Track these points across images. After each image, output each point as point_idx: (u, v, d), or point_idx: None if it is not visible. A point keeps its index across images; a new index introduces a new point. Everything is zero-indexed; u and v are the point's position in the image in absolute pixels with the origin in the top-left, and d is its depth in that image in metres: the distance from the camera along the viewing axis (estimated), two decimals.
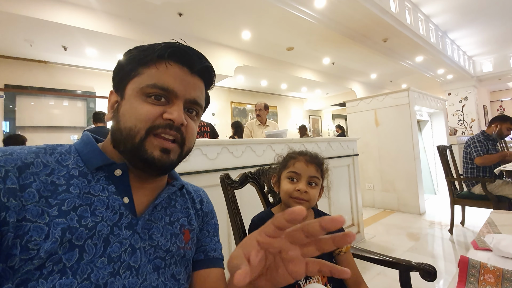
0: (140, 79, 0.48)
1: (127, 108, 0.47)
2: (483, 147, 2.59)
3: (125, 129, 0.46)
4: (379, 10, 4.22)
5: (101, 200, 0.44)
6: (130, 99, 0.47)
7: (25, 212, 0.37)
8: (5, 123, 4.37)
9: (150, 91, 0.47)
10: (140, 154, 0.46)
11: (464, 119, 8.88)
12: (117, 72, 0.50)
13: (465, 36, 6.80)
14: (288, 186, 0.82)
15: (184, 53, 0.49)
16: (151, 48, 0.48)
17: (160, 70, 0.47)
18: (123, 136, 0.46)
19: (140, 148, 0.45)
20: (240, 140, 1.83)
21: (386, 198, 3.92)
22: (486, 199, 2.50)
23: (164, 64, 0.48)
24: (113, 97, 0.51)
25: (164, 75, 0.47)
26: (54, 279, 0.37)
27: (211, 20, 3.99)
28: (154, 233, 0.50)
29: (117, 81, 0.50)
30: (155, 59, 0.48)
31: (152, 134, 0.46)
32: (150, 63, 0.48)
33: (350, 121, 4.44)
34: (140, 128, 0.45)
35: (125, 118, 0.47)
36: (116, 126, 0.48)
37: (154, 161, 0.46)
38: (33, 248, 0.36)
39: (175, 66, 0.48)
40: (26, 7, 3.04)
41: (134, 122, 0.46)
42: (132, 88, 0.48)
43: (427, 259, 2.27)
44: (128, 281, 0.43)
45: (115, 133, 0.48)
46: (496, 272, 0.61)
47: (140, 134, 0.45)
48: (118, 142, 0.47)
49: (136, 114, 0.46)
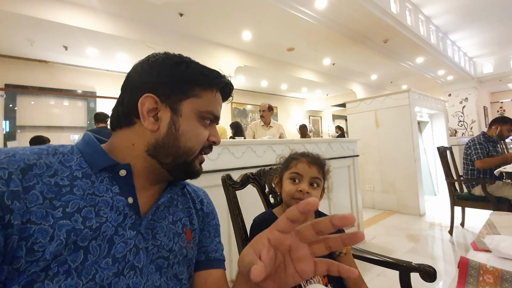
0: (199, 101, 0.52)
1: (188, 129, 0.51)
2: (483, 149, 2.58)
3: (185, 148, 0.51)
4: (379, 11, 4.22)
5: (105, 200, 0.44)
6: (189, 120, 0.51)
7: (29, 214, 0.37)
8: (5, 122, 4.38)
9: (207, 116, 0.54)
10: (189, 169, 0.53)
11: (465, 120, 8.88)
12: (167, 83, 0.50)
13: (465, 37, 6.80)
14: (290, 187, 0.82)
15: (229, 90, 0.58)
16: (210, 73, 0.54)
17: (213, 97, 0.54)
18: (179, 152, 0.51)
19: (191, 164, 0.53)
20: (240, 140, 1.84)
21: (386, 199, 3.93)
22: (486, 201, 2.50)
23: (215, 91, 0.55)
24: (151, 103, 0.49)
25: (216, 104, 0.55)
26: (59, 281, 0.37)
27: (211, 20, 4.00)
28: (158, 233, 0.50)
29: (167, 93, 0.50)
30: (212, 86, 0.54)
31: (200, 153, 0.55)
32: (207, 89, 0.53)
33: (350, 122, 4.44)
34: (196, 150, 0.53)
35: (186, 138, 0.51)
36: (172, 142, 0.50)
37: (197, 173, 0.55)
38: (38, 250, 0.36)
39: (219, 95, 0.56)
40: (27, 6, 3.04)
41: (194, 144, 0.52)
42: (190, 107, 0.51)
43: (427, 260, 2.28)
44: (132, 281, 0.43)
45: (168, 147, 0.50)
46: (495, 273, 0.61)
47: (195, 153, 0.53)
48: (165, 154, 0.50)
49: (197, 137, 0.53)
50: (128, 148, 0.50)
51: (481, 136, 2.70)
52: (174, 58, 0.52)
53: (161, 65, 0.50)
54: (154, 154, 0.50)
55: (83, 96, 5.12)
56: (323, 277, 0.79)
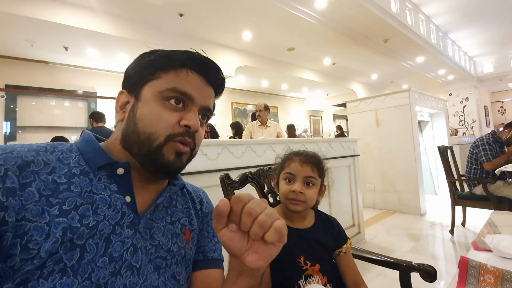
0: (158, 82, 0.48)
1: (146, 112, 0.48)
2: (492, 151, 2.55)
3: (144, 133, 0.47)
4: (379, 11, 4.22)
5: (103, 198, 0.44)
6: (148, 103, 0.48)
7: (25, 211, 0.37)
8: (6, 123, 4.38)
9: (169, 95, 0.48)
10: (156, 158, 0.47)
11: (465, 120, 8.87)
12: (132, 74, 0.51)
13: (466, 36, 6.79)
14: (284, 188, 0.82)
15: (204, 64, 0.51)
16: (172, 54, 0.50)
17: (180, 77, 0.49)
18: (140, 139, 0.47)
19: (157, 153, 0.47)
20: (240, 140, 1.83)
21: (386, 198, 3.92)
22: (487, 200, 2.49)
23: (184, 71, 0.49)
24: (123, 98, 0.51)
25: (184, 81, 0.49)
26: (54, 279, 0.37)
27: (212, 20, 4.00)
28: (156, 233, 0.50)
29: (132, 83, 0.51)
30: (177, 66, 0.49)
31: (171, 141, 0.47)
32: (171, 69, 0.49)
33: (351, 122, 4.44)
34: (160, 135, 0.47)
35: (144, 123, 0.47)
36: (132, 128, 0.48)
37: (169, 165, 0.48)
38: (34, 248, 0.36)
39: (194, 74, 0.50)
40: (27, 7, 3.05)
41: (154, 128, 0.47)
42: (150, 91, 0.48)
43: (427, 260, 2.27)
44: (129, 280, 0.43)
45: (130, 135, 0.48)
46: (496, 272, 0.61)
47: (159, 140, 0.47)
48: (131, 144, 0.48)
49: (157, 121, 0.47)
50: (113, 143, 0.51)
51: (491, 136, 2.66)
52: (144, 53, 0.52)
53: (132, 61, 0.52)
54: (125, 145, 0.49)
55: (83, 97, 5.13)
56: (322, 276, 0.78)
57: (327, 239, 0.84)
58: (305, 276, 0.77)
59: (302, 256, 0.78)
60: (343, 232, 0.88)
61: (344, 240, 0.86)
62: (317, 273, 0.78)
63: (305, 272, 0.77)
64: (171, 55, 0.49)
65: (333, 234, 0.85)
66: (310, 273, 0.78)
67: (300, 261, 0.78)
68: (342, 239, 0.86)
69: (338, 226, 0.88)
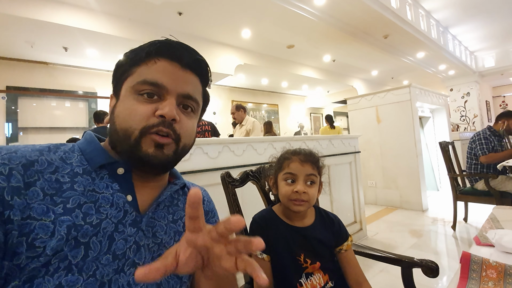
0: (131, 78, 0.48)
1: (121, 109, 0.48)
2: (488, 145, 2.55)
3: (121, 130, 0.46)
4: (379, 6, 4.19)
5: (105, 197, 0.44)
6: (123, 100, 0.48)
7: (30, 210, 0.37)
8: (8, 124, 4.40)
9: (141, 88, 0.47)
10: (136, 153, 0.46)
11: (467, 115, 8.83)
12: (114, 76, 0.52)
13: (466, 31, 6.75)
14: (286, 189, 0.80)
15: (172, 47, 0.49)
16: (141, 47, 0.49)
17: (149, 67, 0.48)
18: (120, 137, 0.47)
19: (136, 147, 0.46)
20: (241, 138, 1.83)
21: (388, 195, 3.92)
22: (489, 195, 2.49)
23: (153, 60, 0.48)
24: (112, 101, 0.52)
25: (153, 71, 0.47)
26: (60, 276, 0.37)
27: (211, 18, 3.98)
28: (158, 231, 0.50)
29: (114, 85, 0.52)
30: (144, 57, 0.48)
31: (147, 133, 0.46)
32: (140, 61, 0.48)
33: (351, 118, 4.43)
34: (134, 129, 0.46)
35: (120, 119, 0.47)
36: (112, 127, 0.49)
37: (149, 157, 0.46)
38: (39, 246, 0.36)
39: (164, 61, 0.48)
40: (27, 8, 3.05)
41: (129, 123, 0.46)
42: (125, 88, 0.49)
43: (430, 255, 2.27)
44: (133, 278, 0.43)
45: (112, 134, 0.49)
46: (498, 267, 0.60)
47: (134, 134, 0.46)
48: (115, 143, 0.48)
49: (130, 115, 0.46)
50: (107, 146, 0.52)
51: (487, 130, 2.67)
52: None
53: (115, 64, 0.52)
54: (112, 146, 0.49)
55: (84, 97, 5.13)
56: (323, 274, 0.78)
57: (327, 237, 0.83)
58: (306, 274, 0.77)
59: (302, 254, 0.78)
60: (344, 229, 0.87)
61: (345, 238, 0.85)
62: (318, 271, 0.78)
63: (306, 270, 0.77)
64: (139, 49, 0.49)
65: (334, 232, 0.85)
66: (311, 271, 0.78)
67: (300, 259, 0.78)
68: (342, 236, 0.85)
69: (339, 223, 0.88)
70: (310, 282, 0.76)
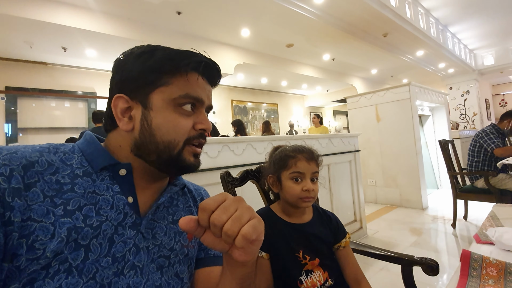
0: (169, 89, 0.47)
1: (162, 122, 0.47)
2: (498, 139, 2.55)
3: (163, 143, 0.47)
4: (378, 5, 4.18)
5: (105, 199, 0.44)
6: (161, 111, 0.47)
7: (30, 212, 0.37)
8: (7, 125, 4.39)
9: (182, 101, 0.48)
10: (178, 163, 0.49)
11: (466, 113, 8.82)
12: (132, 78, 0.48)
13: (466, 29, 6.74)
14: (295, 187, 0.80)
15: (211, 70, 0.52)
16: (178, 58, 0.48)
17: (190, 82, 0.49)
18: (159, 148, 0.47)
19: (178, 158, 0.49)
20: (241, 138, 1.83)
21: (388, 193, 3.92)
22: (489, 193, 2.49)
23: (195, 76, 0.49)
24: (122, 103, 0.48)
25: (195, 86, 0.50)
26: (60, 279, 0.37)
27: (210, 18, 3.98)
28: (158, 233, 0.50)
29: (133, 88, 0.48)
30: (186, 70, 0.48)
31: (188, 144, 0.50)
32: (178, 73, 0.48)
33: (351, 117, 4.43)
34: (179, 141, 0.48)
35: (162, 132, 0.47)
36: (148, 139, 0.47)
37: (191, 166, 0.50)
38: (39, 248, 0.36)
39: (203, 79, 0.51)
40: (26, 9, 3.04)
41: (173, 136, 0.48)
42: (160, 98, 0.47)
43: (430, 253, 2.27)
44: (133, 280, 0.43)
45: (146, 145, 0.47)
46: (499, 265, 0.61)
47: (178, 146, 0.48)
48: (148, 153, 0.48)
49: (174, 128, 0.48)
50: (117, 149, 0.50)
51: (492, 127, 2.67)
52: (137, 51, 0.49)
53: (125, 61, 0.49)
54: (138, 153, 0.48)
55: (83, 97, 5.13)
56: (323, 271, 0.79)
57: (325, 233, 0.84)
58: (306, 271, 0.77)
59: (301, 250, 0.78)
60: (341, 226, 0.88)
61: (343, 235, 0.86)
62: (317, 268, 0.78)
63: (305, 266, 0.77)
64: (177, 59, 0.48)
65: (331, 228, 0.86)
66: (310, 267, 0.78)
67: (299, 255, 0.78)
68: (340, 233, 0.86)
69: (336, 221, 0.89)
70: (310, 280, 0.76)
